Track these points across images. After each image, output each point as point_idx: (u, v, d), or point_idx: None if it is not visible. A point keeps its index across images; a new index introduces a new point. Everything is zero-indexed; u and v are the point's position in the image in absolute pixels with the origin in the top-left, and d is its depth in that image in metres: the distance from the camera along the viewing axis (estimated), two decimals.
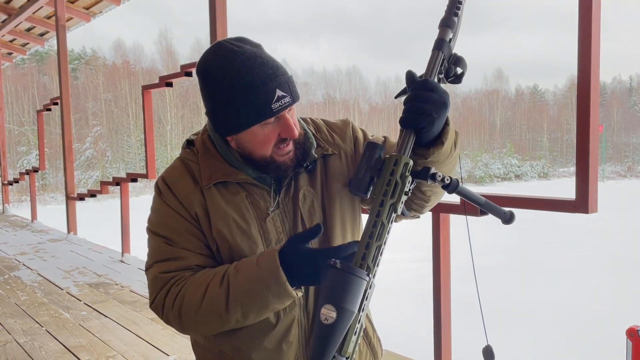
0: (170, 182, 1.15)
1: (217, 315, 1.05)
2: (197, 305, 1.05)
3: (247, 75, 1.03)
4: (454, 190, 0.97)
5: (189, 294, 1.07)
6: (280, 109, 1.04)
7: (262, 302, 1.02)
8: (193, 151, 1.18)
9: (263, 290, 1.01)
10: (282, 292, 1.00)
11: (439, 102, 0.94)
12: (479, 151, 45.05)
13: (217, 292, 1.04)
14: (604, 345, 6.21)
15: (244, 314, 1.04)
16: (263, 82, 1.03)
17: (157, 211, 1.16)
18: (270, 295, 1.01)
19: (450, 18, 1.02)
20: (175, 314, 1.09)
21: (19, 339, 3.59)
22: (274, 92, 1.03)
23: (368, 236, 0.90)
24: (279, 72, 1.06)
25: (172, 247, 1.12)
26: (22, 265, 5.85)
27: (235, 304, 1.03)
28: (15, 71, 34.82)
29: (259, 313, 1.04)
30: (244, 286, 1.03)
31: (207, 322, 1.07)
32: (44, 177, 30.25)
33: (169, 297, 1.09)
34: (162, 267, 1.12)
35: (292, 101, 1.06)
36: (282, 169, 1.10)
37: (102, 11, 8.06)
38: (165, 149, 35.00)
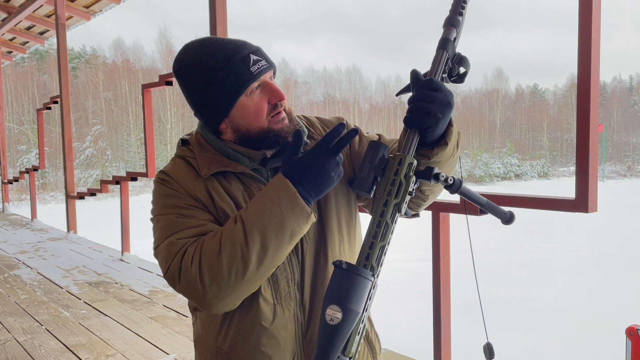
0: (172, 172, 1.15)
1: (239, 252, 0.99)
2: (217, 251, 1.00)
3: (217, 52, 1.07)
4: (456, 190, 0.97)
5: (206, 245, 1.02)
6: (259, 71, 1.07)
7: (277, 221, 0.98)
8: (189, 149, 1.19)
9: (276, 208, 0.98)
10: (294, 205, 0.98)
11: (443, 102, 0.94)
12: (479, 150, 45.06)
13: (233, 228, 1.01)
14: (604, 344, 6.21)
15: (263, 242, 0.99)
16: (235, 51, 1.07)
17: (161, 197, 1.14)
18: (284, 212, 0.98)
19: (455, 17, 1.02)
20: (194, 270, 1.01)
21: (19, 338, 3.59)
22: (248, 58, 1.07)
23: (372, 236, 0.90)
24: (246, 42, 1.11)
25: (185, 219, 1.09)
26: (22, 264, 5.86)
27: (253, 231, 0.99)
28: (15, 70, 34.82)
29: (278, 237, 0.99)
30: (257, 211, 1.00)
31: (229, 267, 0.99)
32: (44, 176, 30.26)
33: (187, 255, 1.03)
34: (177, 236, 1.07)
35: (268, 64, 1.09)
36: (282, 136, 1.10)
37: (102, 10, 8.05)
38: (165, 147, 35.00)
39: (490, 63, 75.00)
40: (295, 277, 1.13)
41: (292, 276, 1.13)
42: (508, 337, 6.37)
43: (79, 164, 31.99)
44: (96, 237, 7.42)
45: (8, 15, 8.61)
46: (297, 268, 1.14)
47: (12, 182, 10.16)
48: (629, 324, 2.02)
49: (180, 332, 3.61)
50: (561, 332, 7.13)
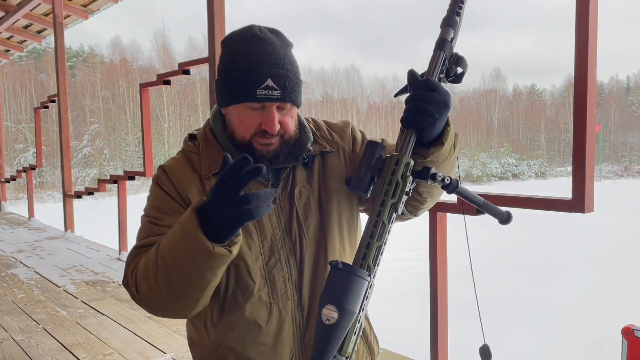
0: (169, 169, 1.17)
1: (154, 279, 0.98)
2: (144, 269, 1.01)
3: (250, 53, 1.05)
4: (453, 190, 0.97)
5: (143, 259, 1.03)
6: (264, 97, 1.04)
7: (180, 257, 0.93)
8: (195, 144, 1.21)
9: (179, 242, 0.93)
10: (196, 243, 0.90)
11: (440, 102, 0.94)
12: (477, 150, 45.09)
13: (153, 252, 1.00)
14: (600, 344, 6.23)
15: (168, 275, 0.96)
16: (259, 64, 1.04)
17: (150, 196, 1.17)
18: (186, 248, 0.92)
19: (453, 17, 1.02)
20: (132, 281, 1.04)
21: (16, 337, 3.59)
22: (264, 79, 1.04)
23: (369, 236, 0.90)
24: (283, 66, 1.06)
25: (156, 226, 1.11)
26: (19, 262, 5.84)
27: (161, 263, 0.97)
28: (12, 68, 34.72)
29: (183, 274, 0.95)
30: (167, 241, 0.97)
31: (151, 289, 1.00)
32: (41, 175, 30.19)
33: (132, 266, 1.06)
34: (141, 243, 1.10)
35: (281, 97, 1.05)
36: (257, 157, 1.09)
37: (100, 9, 8.03)
38: (163, 147, 34.95)
39: (488, 63, 75.14)
40: (292, 276, 1.14)
41: (289, 276, 1.13)
42: (505, 336, 6.38)
43: (77, 162, 31.92)
44: (93, 236, 7.41)
45: (5, 13, 8.58)
46: (294, 268, 1.14)
47: (10, 181, 10.13)
48: (625, 324, 2.03)
49: (177, 331, 3.61)
50: (557, 332, 7.15)
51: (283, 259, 1.13)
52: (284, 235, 1.14)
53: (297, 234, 1.15)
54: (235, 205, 0.86)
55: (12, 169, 25.27)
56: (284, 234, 1.14)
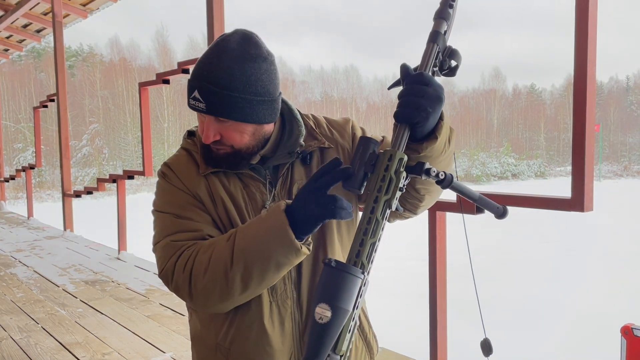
0: (174, 166, 1.18)
1: (223, 272, 1.02)
2: (206, 263, 1.04)
3: (199, 61, 1.10)
4: (448, 185, 0.96)
5: (199, 255, 1.06)
6: (193, 107, 1.09)
7: (263, 250, 0.99)
8: (194, 141, 1.21)
9: (264, 237, 0.99)
10: (283, 237, 0.97)
11: (433, 96, 0.93)
12: (476, 150, 45.09)
13: (224, 245, 1.03)
14: (599, 343, 6.23)
15: (246, 266, 1.01)
16: (194, 75, 1.09)
17: (162, 192, 1.17)
18: (271, 243, 0.98)
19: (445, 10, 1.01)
20: (185, 276, 1.06)
21: (15, 336, 3.58)
22: (192, 90, 1.08)
23: (362, 233, 0.89)
24: (214, 81, 1.05)
25: (182, 220, 1.12)
26: (18, 262, 5.84)
27: (239, 254, 1.01)
28: (11, 68, 34.70)
29: (263, 266, 1.00)
30: (249, 234, 1.01)
31: (214, 282, 1.03)
32: (41, 174, 30.18)
33: (181, 260, 1.07)
34: (174, 237, 1.11)
35: (206, 109, 1.07)
36: (211, 157, 1.13)
37: (99, 8, 8.03)
38: (163, 146, 34.94)
39: (487, 63, 75.11)
40: (291, 275, 1.14)
41: (288, 274, 1.13)
42: (503, 335, 6.38)
43: (76, 162, 31.91)
44: (93, 236, 7.41)
45: (5, 12, 8.58)
46: (293, 267, 1.14)
47: (9, 180, 10.13)
48: (624, 323, 2.03)
49: (176, 330, 3.61)
50: (556, 331, 7.15)
51: None
52: None
53: None
54: (323, 201, 0.94)
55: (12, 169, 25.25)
56: None
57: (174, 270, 1.08)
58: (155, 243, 1.14)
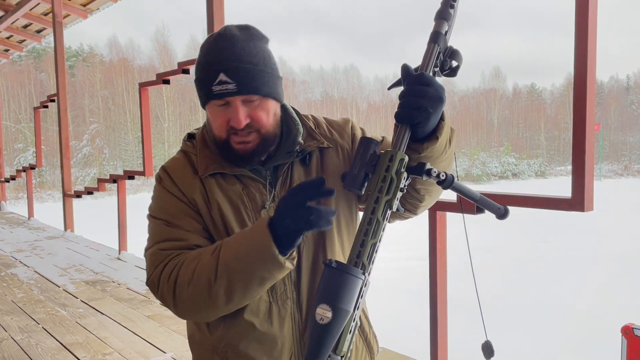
0: (171, 170, 1.18)
1: (207, 286, 1.01)
2: (190, 277, 1.03)
3: (207, 53, 1.07)
4: (449, 185, 0.96)
5: (184, 267, 1.05)
6: (220, 93, 1.04)
7: (247, 265, 0.98)
8: (193, 144, 1.21)
9: (248, 252, 0.97)
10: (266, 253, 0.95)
11: (434, 96, 0.93)
12: (477, 150, 45.08)
13: (208, 259, 1.03)
14: (600, 343, 6.23)
15: (229, 281, 1.00)
16: (211, 63, 1.05)
17: (156, 197, 1.18)
18: (254, 258, 0.97)
19: (447, 10, 1.00)
20: (170, 287, 1.06)
21: (16, 336, 3.58)
22: (217, 75, 1.04)
23: (363, 233, 0.89)
24: (237, 59, 1.05)
25: (171, 228, 1.13)
26: (19, 262, 5.84)
27: (222, 269, 1.00)
28: (12, 68, 34.70)
29: (246, 280, 0.99)
30: (233, 249, 1.01)
31: (198, 295, 1.03)
32: (41, 175, 30.18)
33: (166, 270, 1.08)
34: (162, 246, 1.12)
35: (237, 90, 1.04)
36: (236, 156, 1.10)
37: (99, 8, 8.02)
38: (163, 146, 34.93)
39: (487, 62, 75.07)
40: (291, 275, 1.14)
41: (288, 275, 1.13)
42: (504, 335, 6.38)
43: (76, 162, 31.91)
44: (93, 236, 7.41)
45: (5, 13, 8.57)
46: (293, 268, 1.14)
47: (9, 181, 10.13)
48: (625, 323, 2.03)
49: (177, 330, 3.61)
50: (557, 331, 7.15)
51: None
52: None
53: None
54: (300, 214, 0.92)
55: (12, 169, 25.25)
56: None
57: (159, 280, 1.08)
58: (146, 249, 1.15)
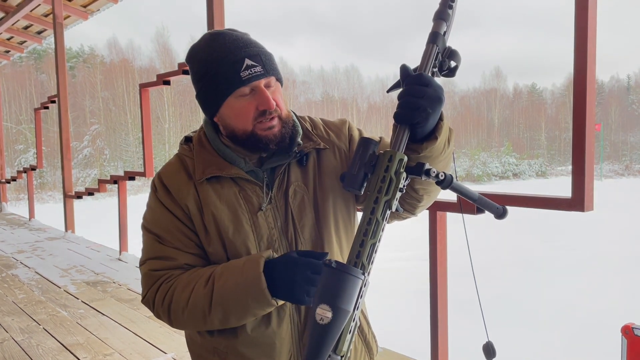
0: (165, 177, 1.18)
1: (201, 315, 1.08)
2: (184, 304, 1.09)
3: (217, 48, 1.08)
4: (448, 185, 0.96)
5: (177, 293, 1.10)
6: (250, 77, 1.06)
7: (242, 306, 1.04)
8: (190, 147, 1.21)
9: (243, 296, 1.03)
10: (261, 299, 1.02)
11: (433, 97, 0.93)
12: (477, 150, 45.05)
13: (202, 292, 1.07)
14: (600, 343, 6.22)
15: (224, 316, 1.06)
16: (231, 51, 1.07)
17: (150, 209, 1.19)
18: (250, 301, 1.03)
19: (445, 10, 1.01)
20: (164, 309, 1.13)
21: (17, 337, 3.59)
22: (242, 61, 1.06)
23: (362, 234, 0.89)
24: (252, 45, 1.09)
25: (163, 245, 1.15)
26: (20, 263, 5.85)
27: (217, 306, 1.05)
28: (12, 69, 34.71)
29: (240, 317, 1.06)
30: (226, 289, 1.05)
31: (193, 321, 1.10)
32: (42, 176, 30.19)
33: (159, 294, 1.13)
34: (153, 265, 1.15)
35: (264, 72, 1.07)
36: (263, 143, 1.10)
37: (100, 9, 8.03)
38: (164, 147, 34.94)
39: (488, 62, 75.07)
40: None
41: None
42: (505, 335, 6.37)
43: (77, 163, 31.92)
44: (94, 237, 7.41)
45: (5, 14, 8.58)
46: None
47: (10, 182, 10.14)
48: (625, 323, 2.03)
49: (177, 331, 3.61)
50: (557, 331, 7.15)
51: None
52: (280, 235, 1.14)
53: (292, 234, 1.14)
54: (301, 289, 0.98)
55: (13, 170, 25.26)
56: (280, 235, 1.14)
57: (154, 301, 1.15)
58: (140, 263, 1.20)
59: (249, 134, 1.10)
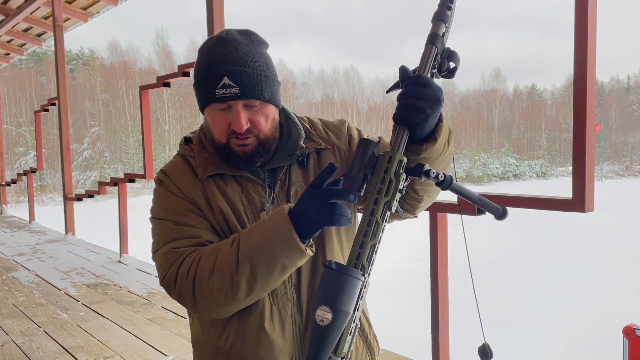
0: (171, 173, 1.18)
1: (229, 277, 1.02)
2: (210, 269, 1.04)
3: (210, 56, 1.07)
4: (447, 186, 0.96)
5: (203, 260, 1.05)
6: (223, 97, 1.05)
7: (269, 253, 0.99)
8: (191, 147, 1.21)
9: (270, 240, 0.99)
10: (288, 240, 0.98)
11: (432, 98, 0.93)
12: (477, 151, 45.07)
13: (228, 251, 1.03)
14: (601, 344, 6.22)
15: (252, 271, 1.01)
16: (215, 65, 1.05)
17: (159, 199, 1.17)
18: (277, 246, 0.98)
19: (444, 12, 1.01)
20: (189, 283, 1.06)
21: (17, 340, 3.59)
22: (220, 78, 1.04)
23: (362, 235, 0.89)
24: (241, 63, 1.06)
25: (181, 226, 1.12)
26: (20, 266, 5.85)
27: (244, 258, 1.01)
28: (12, 72, 34.75)
29: (269, 268, 1.00)
30: (253, 238, 1.02)
31: (219, 288, 1.03)
32: (42, 178, 30.20)
33: (183, 266, 1.07)
34: (174, 244, 1.11)
35: (240, 94, 1.05)
36: (236, 159, 1.10)
37: (100, 11, 8.04)
38: (164, 149, 34.96)
39: (488, 63, 75.10)
40: (292, 278, 1.14)
41: (288, 277, 1.13)
42: (505, 336, 6.37)
43: (77, 165, 31.94)
44: (94, 239, 7.41)
45: (5, 17, 8.59)
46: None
47: (10, 184, 10.14)
48: (626, 323, 2.02)
49: (178, 333, 3.61)
50: (559, 332, 7.14)
51: None
52: None
53: None
54: (324, 209, 0.95)
55: (13, 172, 25.29)
56: None
57: (176, 278, 1.07)
58: (154, 251, 1.14)
59: (222, 146, 1.11)
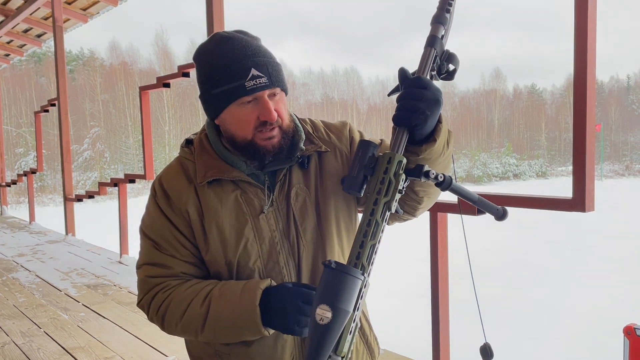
0: (165, 181, 1.18)
1: (194, 332, 1.11)
2: (178, 318, 1.12)
3: (226, 54, 1.06)
4: (447, 187, 0.97)
5: (172, 305, 1.12)
6: (254, 87, 1.05)
7: (234, 333, 1.08)
8: (190, 150, 1.20)
9: (237, 324, 1.06)
10: (254, 330, 1.05)
11: (431, 99, 0.94)
12: (477, 150, 45.07)
13: (197, 312, 1.09)
14: (602, 344, 6.22)
15: (215, 337, 1.11)
16: (238, 59, 1.05)
17: (149, 213, 1.20)
18: (243, 330, 1.06)
19: (442, 14, 1.02)
20: (159, 318, 1.16)
21: (17, 341, 3.58)
22: (248, 70, 1.04)
23: (362, 235, 0.89)
24: (261, 54, 1.07)
25: (160, 252, 1.16)
26: (20, 266, 5.84)
27: (210, 327, 1.08)
28: (12, 72, 34.75)
29: (229, 339, 1.10)
30: (221, 315, 1.07)
31: (185, 334, 1.14)
32: (42, 179, 30.21)
33: (155, 302, 1.15)
34: (150, 271, 1.17)
35: (269, 83, 1.06)
36: (261, 153, 1.10)
37: (99, 12, 8.04)
38: (164, 149, 34.96)
39: (488, 63, 75.09)
40: (292, 278, 1.14)
41: (288, 278, 1.13)
42: (506, 336, 6.37)
43: (77, 166, 31.94)
44: (94, 240, 7.41)
45: (5, 18, 8.59)
46: (293, 270, 1.14)
47: (11, 185, 10.14)
48: (627, 323, 2.02)
49: None
50: (559, 332, 7.14)
51: (282, 262, 1.13)
52: (282, 237, 1.14)
53: (294, 236, 1.14)
54: (290, 322, 1.01)
55: (13, 173, 25.29)
56: (282, 237, 1.14)
57: (149, 309, 1.17)
58: (137, 266, 1.21)
59: (248, 143, 1.10)
